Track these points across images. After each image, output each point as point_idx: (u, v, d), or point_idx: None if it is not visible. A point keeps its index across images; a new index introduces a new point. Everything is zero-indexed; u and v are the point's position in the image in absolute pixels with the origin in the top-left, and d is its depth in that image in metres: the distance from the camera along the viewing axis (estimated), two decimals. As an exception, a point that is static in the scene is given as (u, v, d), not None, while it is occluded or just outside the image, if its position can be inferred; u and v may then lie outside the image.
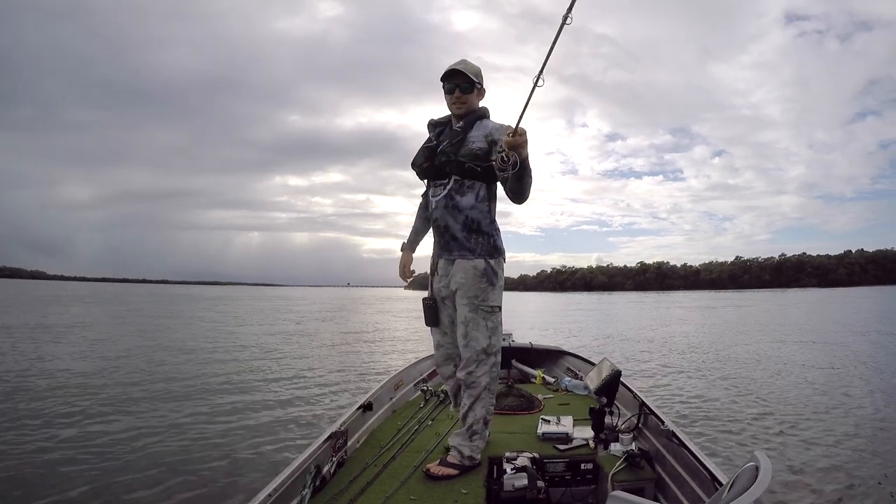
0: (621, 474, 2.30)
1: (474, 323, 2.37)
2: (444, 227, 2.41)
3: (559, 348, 4.83)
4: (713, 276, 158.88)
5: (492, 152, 2.29)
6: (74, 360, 8.93)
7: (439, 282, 2.49)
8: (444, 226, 2.40)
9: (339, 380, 7.49)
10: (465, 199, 2.37)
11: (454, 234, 2.39)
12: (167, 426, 4.92)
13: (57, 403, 5.70)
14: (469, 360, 2.40)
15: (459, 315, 2.40)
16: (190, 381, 7.12)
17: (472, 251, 2.37)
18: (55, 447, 4.28)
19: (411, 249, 2.72)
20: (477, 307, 2.37)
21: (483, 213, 2.40)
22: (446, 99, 2.44)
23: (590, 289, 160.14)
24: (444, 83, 2.41)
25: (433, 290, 2.54)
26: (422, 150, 2.52)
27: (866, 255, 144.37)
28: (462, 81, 2.37)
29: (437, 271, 2.51)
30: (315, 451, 2.24)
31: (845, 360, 8.49)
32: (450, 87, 2.40)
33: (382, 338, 13.51)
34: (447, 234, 2.41)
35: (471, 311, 2.37)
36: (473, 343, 2.39)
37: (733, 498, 1.20)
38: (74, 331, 14.44)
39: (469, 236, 2.38)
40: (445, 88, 2.42)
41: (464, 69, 2.35)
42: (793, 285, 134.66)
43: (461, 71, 2.35)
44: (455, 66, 2.37)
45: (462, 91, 2.38)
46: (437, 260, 2.50)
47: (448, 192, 2.39)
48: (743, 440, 4.31)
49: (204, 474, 3.74)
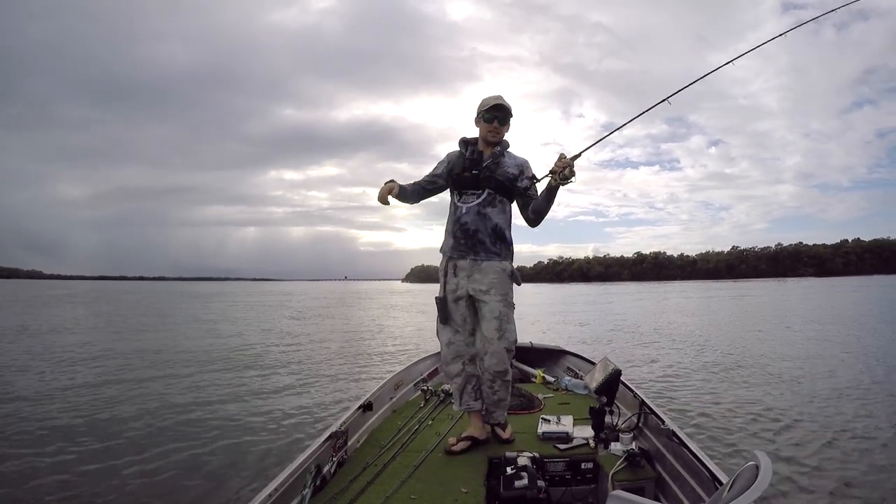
0: (621, 474, 2.31)
1: (507, 317, 2.66)
2: (473, 231, 2.66)
3: (559, 347, 4.83)
4: (710, 265, 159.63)
5: (519, 179, 2.71)
6: (70, 364, 8.90)
7: (457, 282, 2.68)
8: (473, 230, 2.66)
9: (347, 378, 7.48)
10: (494, 210, 2.69)
11: (482, 239, 2.66)
12: (167, 425, 4.92)
13: (50, 407, 5.69)
14: (502, 351, 2.66)
15: (491, 311, 2.63)
16: (188, 380, 7.11)
17: (498, 255, 2.68)
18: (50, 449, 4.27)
19: (401, 187, 2.68)
20: (508, 304, 2.67)
21: (506, 225, 2.74)
22: (483, 126, 2.70)
23: (587, 279, 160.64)
24: (486, 113, 2.66)
25: (446, 289, 2.70)
26: (460, 159, 2.76)
27: (863, 245, 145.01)
28: (502, 115, 2.68)
29: (454, 272, 2.68)
30: (315, 451, 2.25)
31: (848, 355, 8.45)
32: (490, 118, 2.67)
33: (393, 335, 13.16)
34: (475, 237, 2.66)
35: (504, 306, 2.65)
36: (508, 335, 2.66)
37: (733, 497, 1.20)
38: (66, 333, 14.42)
39: (495, 242, 2.68)
40: (485, 118, 2.67)
41: (506, 105, 2.67)
42: (790, 275, 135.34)
43: (504, 106, 2.66)
44: (499, 101, 2.66)
45: (500, 123, 2.70)
46: (459, 261, 2.68)
47: (481, 202, 2.68)
48: (743, 439, 4.31)
49: (204, 474, 3.74)
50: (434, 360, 4.31)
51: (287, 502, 1.97)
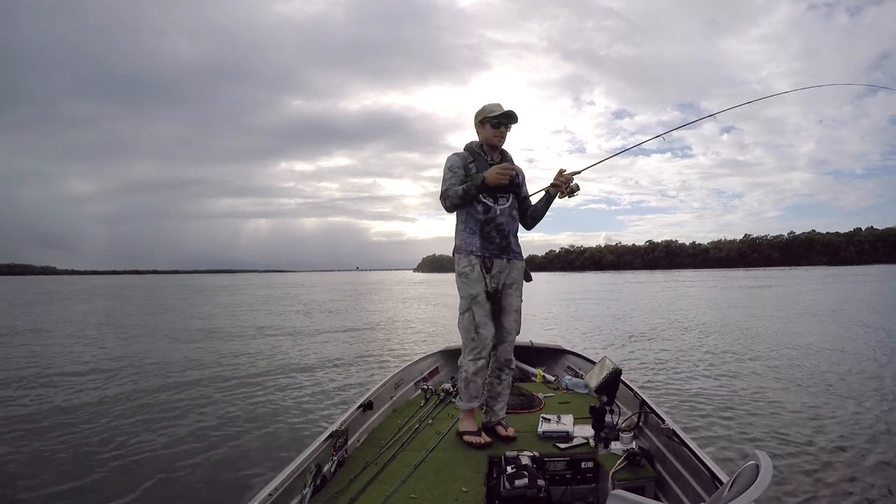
0: (622, 473, 2.31)
1: (521, 311, 2.90)
2: (506, 232, 2.82)
3: (559, 346, 4.81)
4: (722, 254, 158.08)
5: (523, 185, 2.96)
6: (71, 360, 9.03)
7: (493, 279, 2.78)
8: (507, 231, 2.83)
9: (351, 377, 7.50)
10: (516, 213, 2.90)
11: (510, 240, 2.85)
12: (166, 425, 4.96)
13: (57, 401, 5.81)
14: (514, 340, 2.90)
15: (512, 305, 2.85)
16: (188, 379, 7.16)
17: (519, 254, 2.90)
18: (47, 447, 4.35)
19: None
20: (522, 299, 2.90)
21: (518, 226, 2.96)
22: (490, 131, 2.81)
23: (599, 268, 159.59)
24: (495, 119, 2.78)
25: (488, 286, 2.79)
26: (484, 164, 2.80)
27: (876, 233, 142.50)
28: (509, 122, 2.81)
29: (490, 269, 2.78)
30: (316, 450, 2.26)
31: (854, 351, 8.32)
32: (498, 124, 2.79)
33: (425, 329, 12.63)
34: (507, 238, 2.83)
35: (521, 301, 2.89)
36: (519, 326, 2.90)
37: (734, 496, 1.21)
38: (73, 328, 14.62)
39: (516, 242, 2.90)
40: (493, 123, 2.79)
41: (515, 113, 2.80)
42: (802, 263, 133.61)
43: (515, 114, 2.80)
44: (507, 109, 2.78)
45: (506, 129, 2.83)
46: (496, 259, 2.79)
47: (510, 205, 2.84)
48: (743, 438, 4.28)
49: (203, 474, 3.78)
50: (434, 359, 4.31)
51: (287, 501, 1.98)
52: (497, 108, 2.79)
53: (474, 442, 2.70)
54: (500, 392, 2.90)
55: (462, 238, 2.81)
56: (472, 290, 2.75)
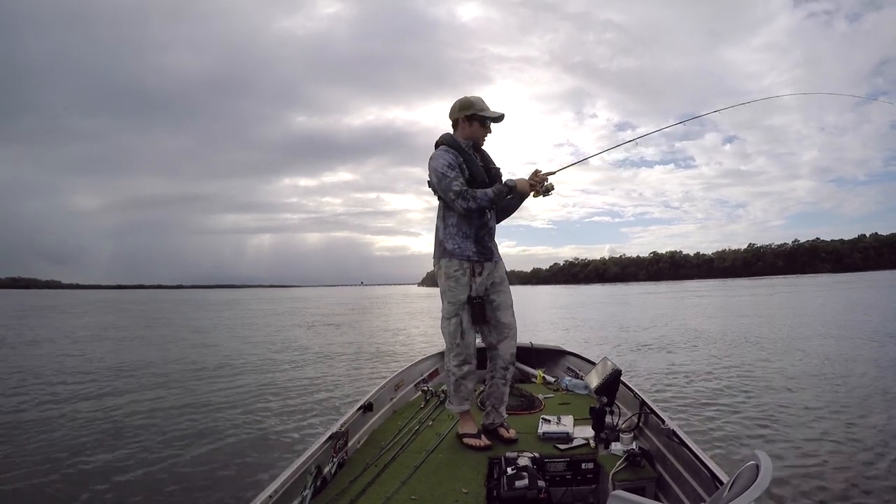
0: (622, 473, 2.30)
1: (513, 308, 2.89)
2: (493, 235, 2.85)
3: (559, 348, 4.80)
4: (726, 264, 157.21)
5: None
6: (81, 366, 9.06)
7: (479, 284, 2.75)
8: (493, 233, 2.86)
9: (353, 379, 7.49)
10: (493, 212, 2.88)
11: (495, 242, 2.86)
12: (169, 428, 4.98)
13: (64, 409, 5.81)
14: (516, 334, 2.88)
15: (505, 301, 2.84)
16: (190, 384, 7.21)
17: (497, 253, 2.86)
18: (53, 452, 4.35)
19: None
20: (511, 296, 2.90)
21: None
22: (478, 129, 2.77)
23: (603, 280, 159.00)
24: (486, 119, 2.75)
25: (476, 291, 2.76)
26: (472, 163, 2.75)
27: (880, 239, 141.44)
28: (497, 123, 2.82)
29: (479, 273, 2.75)
30: (316, 452, 2.26)
31: (855, 354, 8.28)
32: (489, 124, 2.78)
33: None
34: (492, 239, 2.84)
35: (512, 298, 2.88)
36: (516, 323, 2.89)
37: (734, 497, 1.21)
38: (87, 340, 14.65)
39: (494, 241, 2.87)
40: (484, 122, 2.76)
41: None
42: (807, 271, 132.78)
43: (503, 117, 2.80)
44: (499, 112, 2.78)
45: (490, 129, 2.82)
46: (485, 263, 2.77)
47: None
48: (744, 439, 4.27)
49: (204, 476, 3.79)
50: (434, 361, 4.31)
51: (287, 503, 1.99)
52: (486, 106, 2.74)
53: (474, 444, 2.68)
54: (504, 393, 2.86)
55: (456, 242, 2.71)
56: (460, 295, 2.72)
